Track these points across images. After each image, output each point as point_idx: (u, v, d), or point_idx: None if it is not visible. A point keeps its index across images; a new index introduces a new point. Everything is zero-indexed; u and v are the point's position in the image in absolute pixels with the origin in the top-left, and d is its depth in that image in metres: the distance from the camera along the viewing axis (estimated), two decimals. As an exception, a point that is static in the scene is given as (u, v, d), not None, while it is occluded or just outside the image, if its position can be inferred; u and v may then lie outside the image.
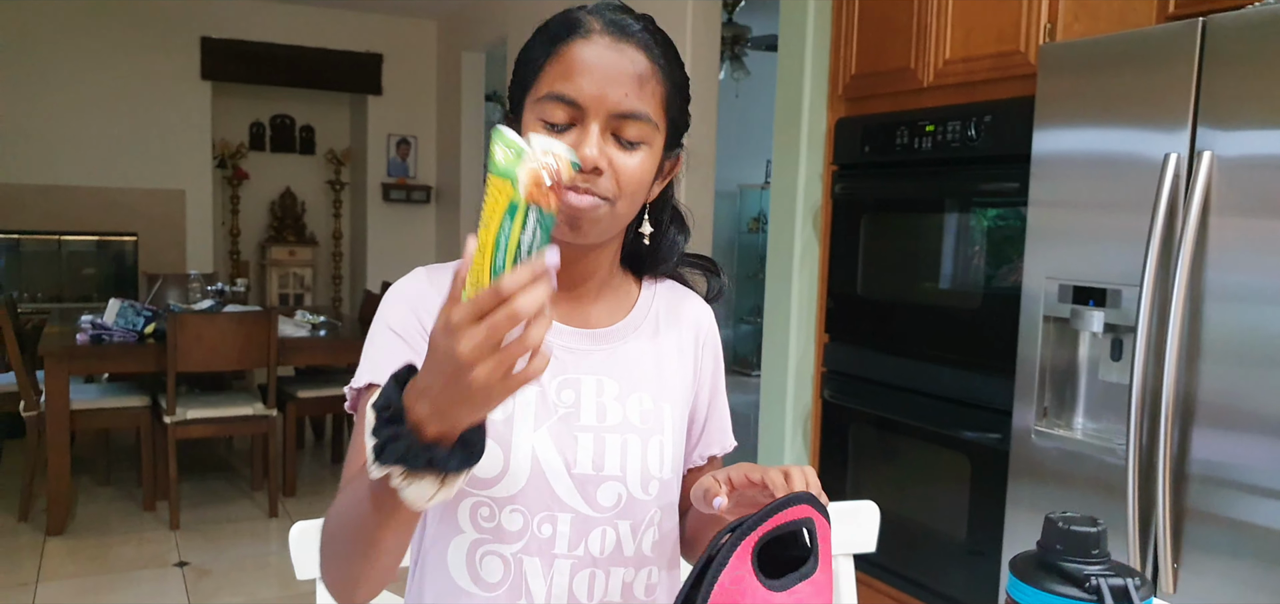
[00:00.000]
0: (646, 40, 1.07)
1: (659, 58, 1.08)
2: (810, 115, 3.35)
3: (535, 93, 1.06)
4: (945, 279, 2.84)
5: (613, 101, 1.03)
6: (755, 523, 0.90)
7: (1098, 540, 0.84)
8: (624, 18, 1.07)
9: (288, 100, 8.12)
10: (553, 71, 1.04)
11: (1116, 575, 0.82)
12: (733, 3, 6.90)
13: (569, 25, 1.06)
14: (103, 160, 7.04)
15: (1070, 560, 0.85)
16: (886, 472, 3.07)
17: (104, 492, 4.90)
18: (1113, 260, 2.19)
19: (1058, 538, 0.85)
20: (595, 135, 1.03)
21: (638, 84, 1.05)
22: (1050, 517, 0.86)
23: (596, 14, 1.07)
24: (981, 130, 2.66)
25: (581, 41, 1.04)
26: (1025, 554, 0.89)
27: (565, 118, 1.04)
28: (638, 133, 1.06)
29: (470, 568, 1.10)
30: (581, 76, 1.03)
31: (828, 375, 3.27)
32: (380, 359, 1.09)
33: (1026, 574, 0.86)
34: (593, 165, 1.02)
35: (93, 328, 4.48)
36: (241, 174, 7.93)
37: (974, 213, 2.73)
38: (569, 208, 1.03)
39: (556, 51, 1.05)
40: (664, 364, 1.21)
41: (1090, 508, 2.22)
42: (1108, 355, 2.26)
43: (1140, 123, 2.14)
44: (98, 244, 7.30)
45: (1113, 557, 0.86)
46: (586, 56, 1.03)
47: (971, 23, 2.75)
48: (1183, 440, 2.04)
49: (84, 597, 3.66)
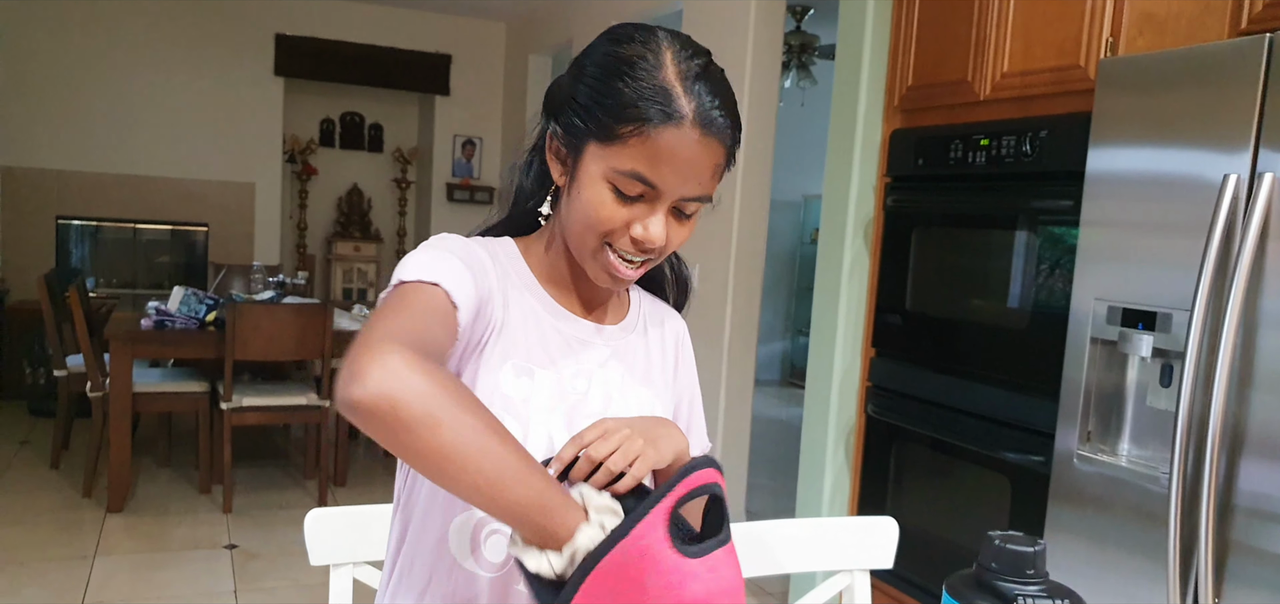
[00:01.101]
0: (728, 130, 1.07)
1: (733, 143, 1.09)
2: (865, 126, 3.30)
3: (613, 157, 1.04)
4: (994, 296, 2.78)
5: (689, 190, 1.07)
6: (666, 490, 0.88)
7: (1033, 560, 0.83)
8: (714, 110, 1.05)
9: (358, 98, 8.25)
10: (638, 148, 1.03)
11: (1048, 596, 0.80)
12: (801, 11, 6.86)
13: (664, 105, 1.02)
14: (178, 152, 7.23)
15: (1004, 579, 0.82)
16: (927, 490, 3.01)
17: (163, 473, 5.02)
18: (1165, 284, 2.12)
19: (993, 556, 0.84)
20: (663, 218, 1.08)
21: (712, 175, 1.08)
22: (990, 535, 0.85)
23: (692, 97, 1.04)
24: (1036, 146, 2.60)
25: (674, 131, 1.02)
26: (962, 573, 0.87)
27: (638, 194, 1.06)
28: (696, 208, 1.11)
29: (474, 546, 1.11)
30: (667, 167, 1.04)
31: (872, 390, 3.22)
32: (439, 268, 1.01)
33: (960, 593, 0.85)
34: (658, 248, 1.09)
35: (157, 314, 4.59)
36: (310, 170, 8.07)
37: (1025, 230, 2.66)
38: (619, 274, 1.10)
39: (647, 132, 1.02)
40: (654, 363, 1.27)
41: (1131, 536, 2.15)
42: (1156, 381, 2.19)
43: (1200, 142, 2.07)
44: (171, 233, 7.48)
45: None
46: (676, 148, 1.03)
47: (1032, 35, 2.69)
48: (1229, 471, 1.97)
49: (137, 572, 3.74)
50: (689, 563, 0.87)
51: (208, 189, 7.36)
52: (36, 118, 6.76)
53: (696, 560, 0.87)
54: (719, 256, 4.46)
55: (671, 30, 1.11)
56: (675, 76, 1.04)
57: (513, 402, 1.10)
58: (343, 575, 1.47)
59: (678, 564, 0.86)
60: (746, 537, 1.53)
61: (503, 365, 1.11)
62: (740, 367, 4.47)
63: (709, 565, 0.88)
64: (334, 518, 1.45)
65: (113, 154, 7.05)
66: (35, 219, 6.85)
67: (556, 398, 1.13)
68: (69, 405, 5.01)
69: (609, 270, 1.11)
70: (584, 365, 1.18)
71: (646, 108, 1.02)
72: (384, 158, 8.47)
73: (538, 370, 1.13)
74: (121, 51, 6.96)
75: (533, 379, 1.13)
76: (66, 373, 4.85)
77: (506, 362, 1.11)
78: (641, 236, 1.07)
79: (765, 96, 4.38)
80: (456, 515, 1.11)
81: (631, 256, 1.10)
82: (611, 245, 1.09)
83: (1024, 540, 0.84)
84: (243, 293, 5.29)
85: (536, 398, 1.12)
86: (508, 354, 1.12)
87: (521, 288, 1.17)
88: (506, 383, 1.11)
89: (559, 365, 1.16)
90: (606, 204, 1.06)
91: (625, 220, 1.07)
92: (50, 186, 6.89)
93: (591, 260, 1.11)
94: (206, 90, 7.24)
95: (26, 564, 3.73)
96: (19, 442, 5.45)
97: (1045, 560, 0.84)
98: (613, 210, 1.06)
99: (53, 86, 6.78)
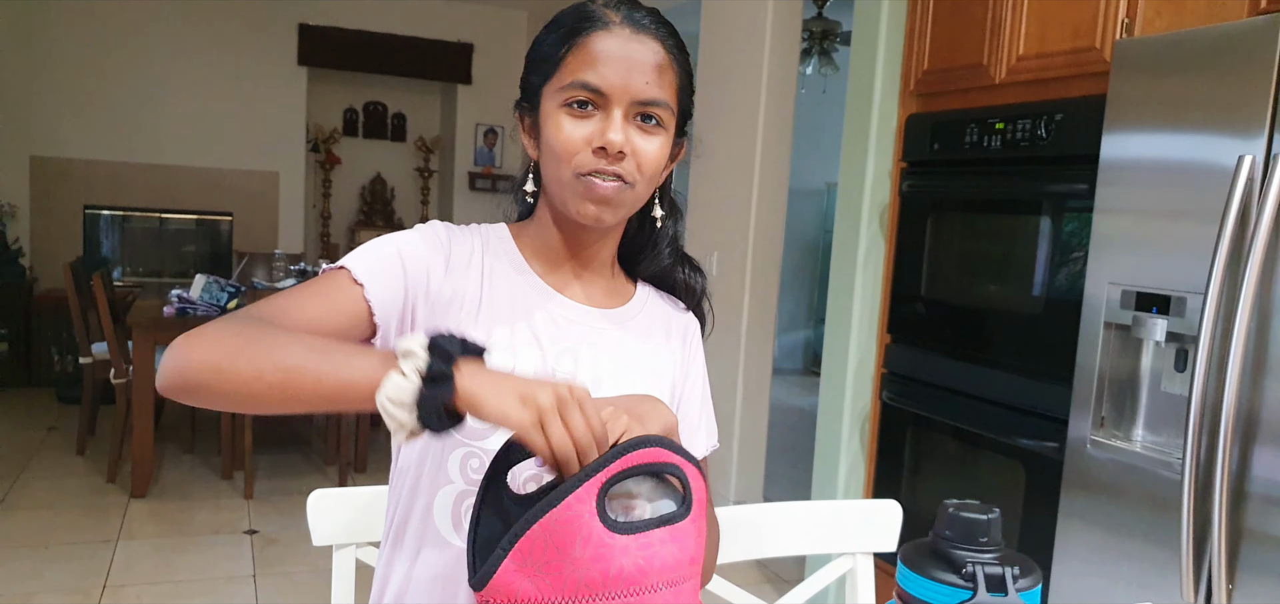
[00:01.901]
0: (662, 32, 1.14)
1: (673, 48, 1.14)
2: (881, 111, 3.28)
3: (557, 82, 1.11)
4: (1009, 282, 2.76)
5: (635, 89, 1.10)
6: (602, 463, 0.88)
7: (987, 528, 0.83)
8: (638, 11, 1.13)
9: (381, 88, 8.28)
10: (574, 62, 1.10)
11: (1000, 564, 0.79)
12: (823, -2, 6.81)
13: (587, 18, 1.11)
14: (203, 141, 7.28)
15: (957, 547, 0.83)
16: (942, 476, 2.99)
17: (187, 459, 5.07)
18: (1179, 268, 2.10)
19: (947, 524, 0.84)
20: (619, 120, 1.09)
21: (657, 72, 1.11)
22: (945, 503, 0.85)
23: (612, 7, 1.13)
24: (1052, 130, 2.57)
25: (602, 33, 1.10)
26: (918, 542, 0.88)
27: (588, 102, 1.10)
28: (658, 116, 1.12)
29: (455, 518, 1.13)
30: (604, 66, 1.09)
31: (888, 377, 3.20)
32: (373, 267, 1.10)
33: (913, 562, 0.85)
34: (618, 149, 1.09)
35: (179, 302, 4.63)
36: (334, 159, 8.11)
37: (1040, 215, 2.64)
38: (597, 193, 1.10)
39: (577, 43, 1.10)
40: (657, 357, 1.26)
41: (1144, 523, 2.13)
42: (1171, 366, 2.16)
43: (1215, 124, 2.04)
44: (197, 222, 7.54)
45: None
46: (609, 47, 1.10)
47: (1048, 17, 2.66)
48: (1243, 457, 1.94)
49: (159, 556, 3.79)
50: (619, 538, 0.87)
51: (232, 178, 7.41)
52: (64, 108, 6.84)
53: (627, 536, 0.87)
54: (737, 244, 4.45)
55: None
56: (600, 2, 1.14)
57: None
58: (346, 556, 1.47)
59: (606, 538, 0.86)
60: (747, 520, 1.53)
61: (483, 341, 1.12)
62: (758, 354, 4.46)
63: (641, 543, 0.88)
64: (337, 499, 1.45)
65: (139, 144, 7.11)
66: (63, 208, 6.93)
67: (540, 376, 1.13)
68: (94, 392, 5.06)
69: (588, 193, 1.11)
70: (571, 345, 1.18)
71: (576, 25, 1.11)
72: (407, 147, 8.50)
73: (522, 348, 1.15)
74: (148, 42, 7.02)
75: (516, 357, 1.14)
76: (92, 360, 4.90)
77: (487, 336, 1.13)
78: (603, 142, 1.09)
79: (783, 83, 4.36)
80: (440, 489, 1.13)
81: (603, 170, 1.10)
82: (582, 173, 1.10)
83: (978, 508, 0.84)
84: (265, 280, 5.33)
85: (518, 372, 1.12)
86: (489, 328, 1.13)
87: (509, 270, 1.18)
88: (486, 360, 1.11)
89: (544, 345, 1.16)
90: (564, 128, 1.10)
91: (586, 137, 1.10)
92: (78, 176, 6.97)
93: (572, 198, 1.12)
94: (231, 80, 7.29)
95: (51, 548, 3.79)
96: (46, 428, 5.53)
97: (1000, 528, 0.84)
98: (572, 130, 1.10)
99: (80, 77, 6.85)
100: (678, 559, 0.90)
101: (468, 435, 1.11)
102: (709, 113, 4.78)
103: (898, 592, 0.87)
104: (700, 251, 4.76)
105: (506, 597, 0.86)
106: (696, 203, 4.87)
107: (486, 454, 1.10)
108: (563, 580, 0.85)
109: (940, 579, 0.83)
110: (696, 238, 4.82)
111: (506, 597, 0.86)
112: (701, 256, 4.66)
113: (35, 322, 6.49)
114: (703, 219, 4.78)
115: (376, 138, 8.41)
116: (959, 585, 0.82)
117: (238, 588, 3.56)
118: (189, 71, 7.16)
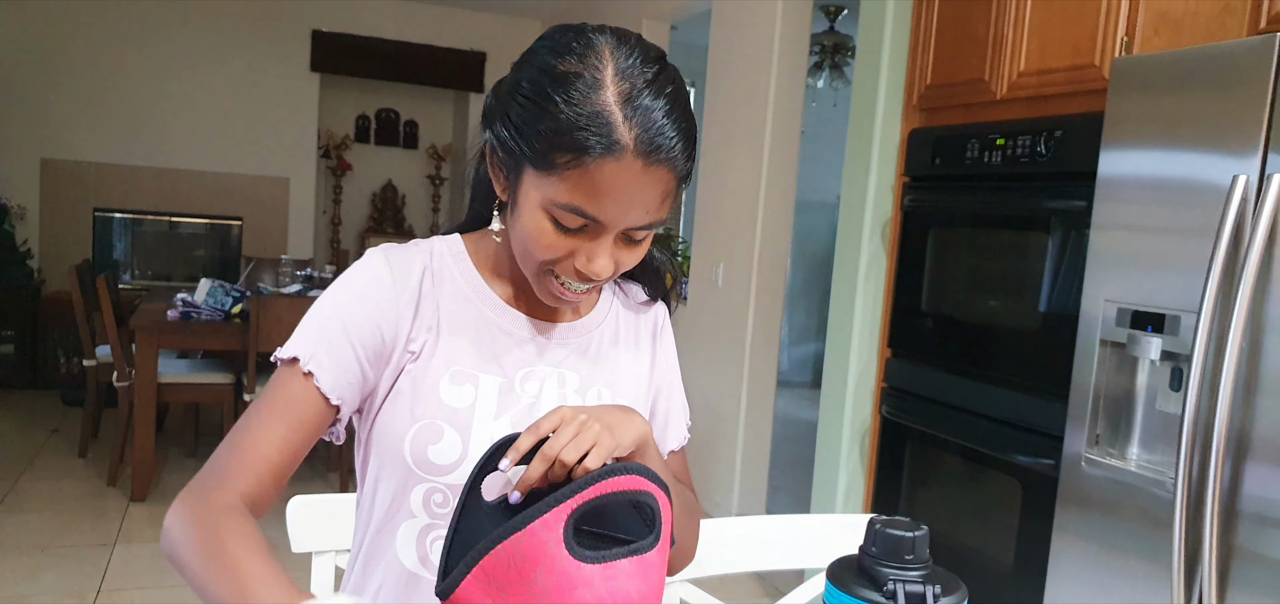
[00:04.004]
0: (675, 152, 0.97)
1: (683, 166, 1.00)
2: (884, 125, 3.28)
3: (550, 188, 0.98)
4: (1008, 297, 2.74)
5: (634, 219, 0.99)
6: (573, 491, 0.87)
7: (913, 545, 0.82)
8: (659, 135, 0.95)
9: (393, 95, 8.31)
10: (575, 182, 0.96)
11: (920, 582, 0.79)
12: (835, 11, 6.82)
13: (602, 134, 0.93)
14: (214, 146, 7.32)
15: (882, 564, 0.82)
16: (940, 492, 2.98)
17: (190, 463, 5.09)
18: (1174, 287, 2.08)
19: (873, 541, 0.83)
20: (608, 248, 1.02)
21: (660, 201, 1.00)
22: (871, 519, 0.84)
23: (633, 123, 0.94)
24: (1051, 146, 2.56)
25: (612, 162, 0.94)
26: (845, 558, 0.87)
27: (579, 226, 1.00)
28: (647, 235, 1.04)
29: (420, 552, 1.10)
30: (608, 200, 0.96)
31: (887, 391, 3.18)
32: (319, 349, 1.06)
33: (838, 578, 0.85)
34: (604, 279, 1.03)
35: (183, 305, 4.65)
36: (345, 165, 8.14)
37: (1039, 231, 2.62)
38: (566, 296, 1.07)
39: (584, 163, 0.94)
40: (622, 362, 1.22)
41: (1137, 541, 2.12)
42: (1166, 385, 2.15)
43: (1210, 142, 2.02)
44: (206, 226, 7.57)
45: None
46: (617, 181, 0.95)
47: (1048, 35, 2.65)
48: (1235, 476, 1.92)
49: (155, 560, 3.80)
50: (584, 568, 0.86)
51: (242, 183, 7.45)
52: (75, 111, 6.88)
53: (593, 566, 0.86)
54: (743, 257, 4.45)
55: (620, 32, 1.01)
56: (615, 99, 0.95)
57: (456, 412, 1.08)
58: (325, 563, 1.47)
59: (571, 567, 0.85)
60: (725, 533, 1.52)
61: (442, 376, 1.09)
62: (762, 367, 4.45)
63: (607, 574, 0.86)
64: (315, 506, 1.45)
65: (150, 147, 7.15)
66: (73, 211, 6.97)
67: (504, 404, 1.11)
68: (98, 395, 5.08)
69: (555, 294, 1.07)
70: (535, 369, 1.14)
71: (583, 138, 0.94)
72: (418, 154, 8.52)
73: (482, 376, 1.11)
74: (160, 46, 7.06)
75: (477, 386, 1.10)
76: (95, 363, 4.93)
77: (447, 371, 1.09)
78: (585, 269, 1.02)
79: (791, 97, 4.36)
80: (402, 523, 1.11)
81: (576, 285, 1.05)
82: (555, 273, 1.05)
83: (905, 525, 0.83)
84: (271, 286, 5.35)
85: (481, 405, 1.09)
86: (449, 362, 1.10)
87: (463, 293, 1.14)
88: (446, 392, 1.09)
89: (507, 370, 1.12)
90: (546, 234, 1.00)
91: (568, 250, 1.01)
92: (88, 179, 7.01)
93: (536, 282, 1.07)
94: (243, 85, 7.33)
95: (48, 550, 3.80)
96: (50, 430, 5.55)
97: (926, 545, 0.83)
98: (553, 240, 1.01)
99: (92, 80, 6.90)
100: (643, 594, 0.88)
101: (430, 471, 1.08)
102: (716, 125, 4.78)
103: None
104: (706, 263, 4.75)
105: None
106: (702, 215, 4.87)
107: (451, 490, 1.08)
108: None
109: (862, 596, 0.82)
110: (702, 249, 4.82)
111: None
112: (707, 268, 4.66)
113: (42, 324, 6.52)
114: (709, 231, 4.78)
115: (388, 145, 8.44)
116: (880, 603, 0.81)
117: (234, 592, 3.55)
118: (201, 76, 7.20)
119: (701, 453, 4.64)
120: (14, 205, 6.63)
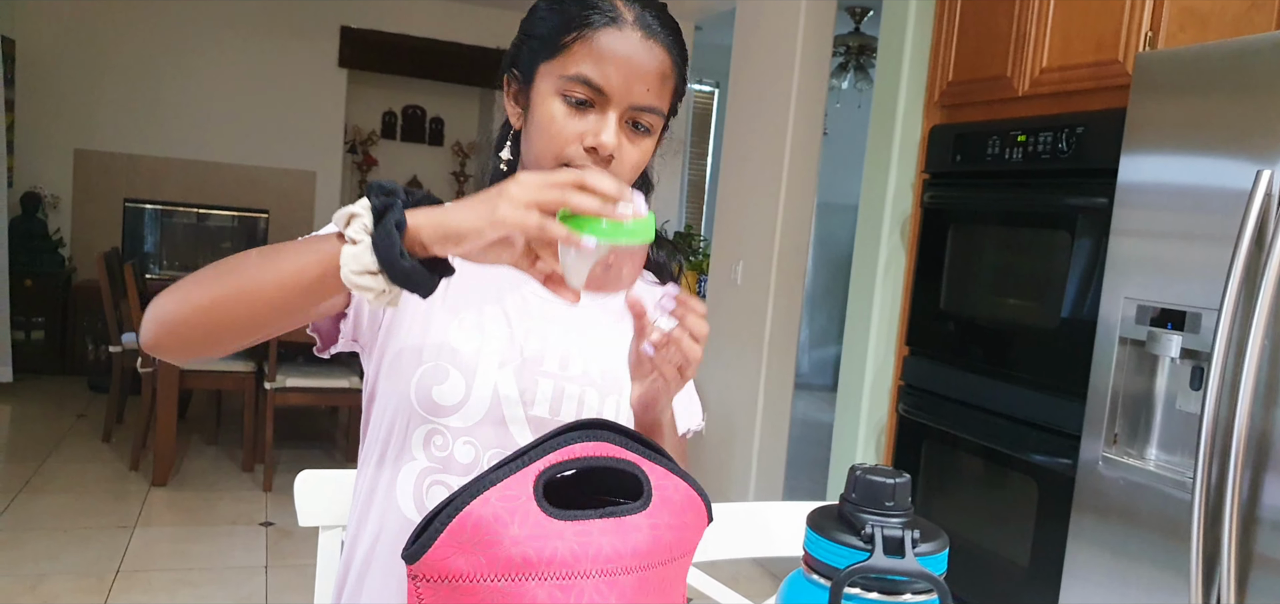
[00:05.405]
0: (670, 39, 1.11)
1: (678, 58, 1.12)
2: (905, 122, 3.26)
3: (558, 67, 1.08)
4: (1028, 295, 2.71)
5: (636, 95, 1.08)
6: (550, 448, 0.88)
7: (893, 492, 0.83)
8: (653, 18, 1.10)
9: (419, 91, 8.34)
10: (581, 52, 1.07)
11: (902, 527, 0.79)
12: (861, 12, 6.78)
13: (604, 9, 1.08)
14: (243, 139, 7.38)
15: (862, 510, 0.82)
16: (956, 491, 2.95)
17: (210, 450, 5.13)
18: (1196, 285, 2.05)
19: (853, 487, 0.84)
20: (613, 123, 1.08)
21: (659, 81, 1.09)
22: (852, 467, 0.86)
23: (631, 7, 1.09)
24: (1073, 143, 2.53)
25: (613, 30, 1.07)
26: (827, 506, 0.89)
27: (587, 99, 1.07)
28: (649, 124, 1.11)
29: (417, 497, 1.13)
30: (611, 66, 1.06)
31: (904, 389, 3.16)
32: None
33: (819, 525, 0.85)
34: (609, 153, 1.08)
35: (208, 294, 4.67)
36: (371, 161, 8.18)
37: (1060, 229, 2.60)
38: None
39: (587, 34, 1.07)
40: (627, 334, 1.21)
41: (1154, 545, 2.09)
42: (1186, 384, 2.12)
43: (1234, 139, 1.99)
44: (234, 218, 7.63)
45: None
46: (618, 46, 1.06)
47: (1072, 30, 2.62)
48: (1255, 481, 1.89)
49: (174, 544, 3.83)
50: (555, 522, 0.86)
51: (270, 176, 7.50)
52: (108, 103, 6.96)
53: (564, 522, 0.86)
54: (762, 256, 4.43)
55: None
56: None
57: (460, 355, 1.11)
58: (331, 537, 1.47)
59: (543, 521, 0.86)
60: (752, 516, 1.52)
61: (451, 320, 1.13)
62: (780, 367, 4.43)
63: (579, 530, 0.87)
64: (323, 480, 1.46)
65: (180, 139, 7.22)
66: (104, 201, 7.03)
67: (507, 354, 1.14)
68: (123, 381, 5.14)
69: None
70: (537, 325, 1.17)
71: (588, 14, 1.07)
72: (444, 151, 8.55)
73: (490, 326, 1.14)
74: (191, 39, 7.13)
75: (483, 335, 1.14)
76: (121, 349, 4.97)
77: (456, 316, 1.13)
78: (594, 143, 1.07)
79: (813, 97, 4.34)
80: (403, 465, 1.12)
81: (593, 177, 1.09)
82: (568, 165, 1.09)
83: (886, 472, 0.83)
84: (294, 277, 5.37)
85: (485, 352, 1.13)
86: (457, 309, 1.13)
87: None
88: (454, 336, 1.12)
89: (513, 323, 1.16)
90: (558, 117, 1.08)
91: (578, 132, 1.08)
92: (120, 169, 7.08)
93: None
94: (272, 80, 7.39)
95: (70, 531, 3.84)
96: (76, 415, 5.62)
97: (907, 493, 0.84)
98: (564, 122, 1.08)
99: (124, 72, 6.97)
100: (617, 551, 0.88)
101: (432, 412, 1.10)
102: (738, 122, 4.77)
103: (804, 555, 0.87)
104: (725, 261, 4.74)
105: (438, 573, 0.85)
106: (723, 212, 4.85)
107: (450, 432, 1.11)
108: (496, 558, 0.84)
109: (841, 541, 0.83)
110: (722, 248, 4.80)
111: (438, 573, 0.85)
112: (726, 266, 4.65)
113: (72, 311, 6.60)
114: (729, 229, 4.76)
115: (414, 141, 8.47)
116: (859, 547, 0.82)
117: (248, 577, 3.58)
118: (231, 70, 7.26)
119: (717, 450, 4.62)
120: (47, 195, 6.71)
